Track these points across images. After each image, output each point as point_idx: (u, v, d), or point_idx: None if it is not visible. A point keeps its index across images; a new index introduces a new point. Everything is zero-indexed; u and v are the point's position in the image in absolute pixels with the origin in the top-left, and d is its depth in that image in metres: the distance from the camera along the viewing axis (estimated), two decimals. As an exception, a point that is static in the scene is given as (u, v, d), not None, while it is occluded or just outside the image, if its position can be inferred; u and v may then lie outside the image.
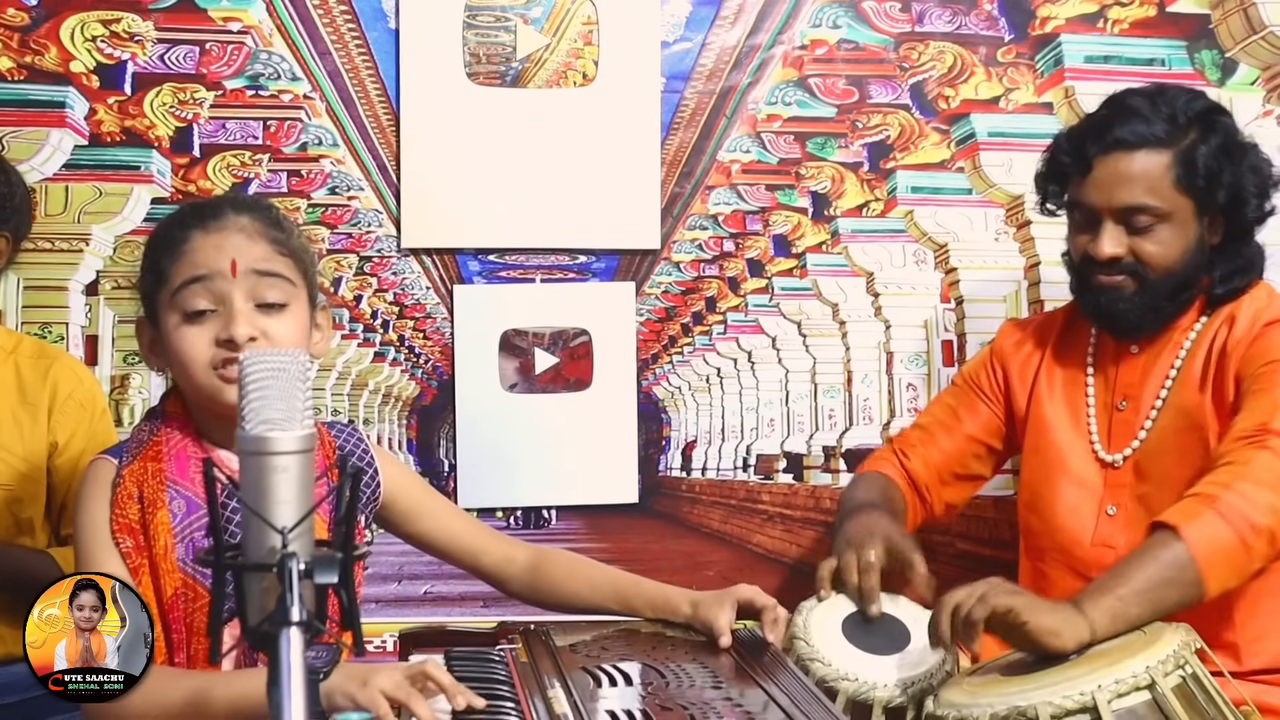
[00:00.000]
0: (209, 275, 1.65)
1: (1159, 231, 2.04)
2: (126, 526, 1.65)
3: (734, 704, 1.54)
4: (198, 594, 1.63)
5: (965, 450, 2.29)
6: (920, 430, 2.32)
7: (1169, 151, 2.03)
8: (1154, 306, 2.08)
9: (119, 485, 1.66)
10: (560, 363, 2.69)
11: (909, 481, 2.26)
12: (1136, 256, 2.05)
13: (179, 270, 1.66)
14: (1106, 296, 2.08)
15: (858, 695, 1.80)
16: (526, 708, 1.53)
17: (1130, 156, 2.04)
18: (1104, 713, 1.60)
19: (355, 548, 1.19)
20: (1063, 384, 2.20)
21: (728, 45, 2.70)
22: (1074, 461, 2.15)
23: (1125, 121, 2.06)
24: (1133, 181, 2.03)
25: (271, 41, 2.61)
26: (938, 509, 2.29)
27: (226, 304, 1.65)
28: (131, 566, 1.63)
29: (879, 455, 2.35)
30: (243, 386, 1.17)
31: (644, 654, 1.73)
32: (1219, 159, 2.03)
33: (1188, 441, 2.04)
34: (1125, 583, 1.77)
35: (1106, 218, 2.06)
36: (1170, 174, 2.03)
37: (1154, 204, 2.03)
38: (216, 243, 1.67)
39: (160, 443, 1.69)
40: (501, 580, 1.93)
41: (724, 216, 2.77)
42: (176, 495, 1.66)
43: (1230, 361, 2.02)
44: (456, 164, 2.63)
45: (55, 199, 2.58)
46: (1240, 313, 2.06)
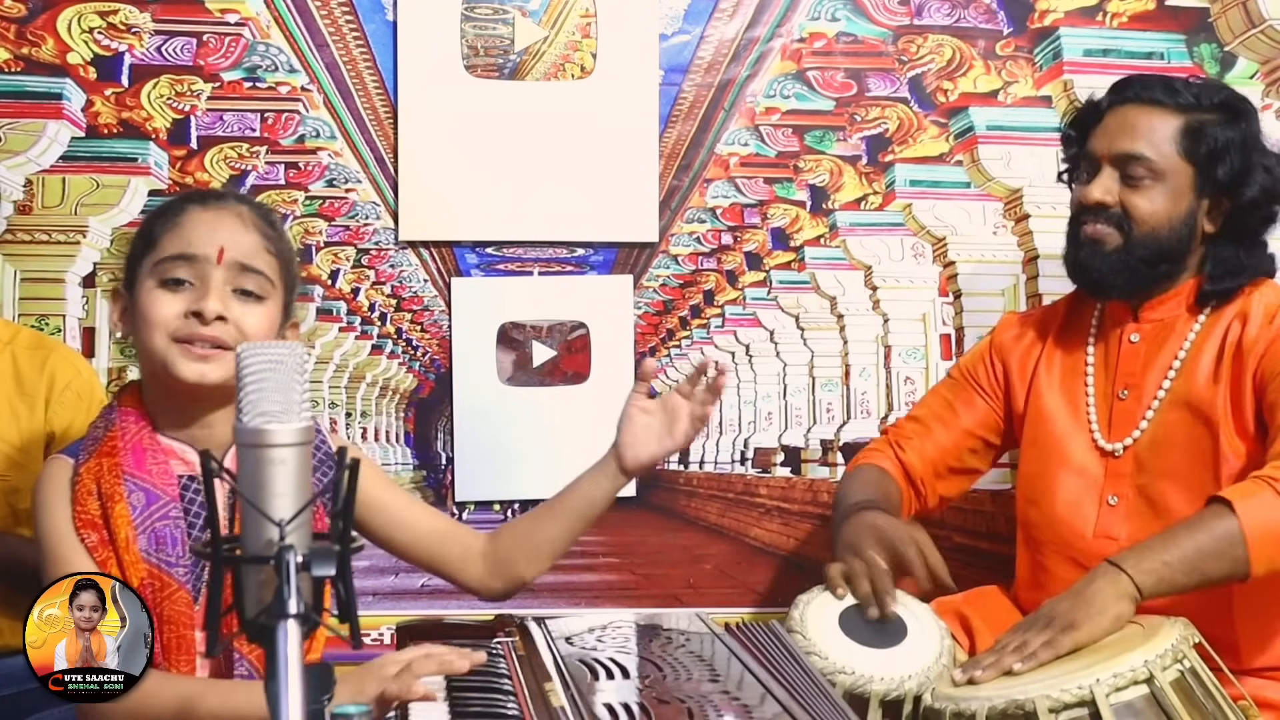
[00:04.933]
0: (195, 254, 1.68)
1: (1152, 189, 2.06)
2: (89, 522, 1.66)
3: (731, 697, 1.54)
4: (164, 583, 1.65)
5: (961, 444, 2.29)
6: (916, 423, 2.32)
7: (1181, 117, 2.07)
8: (1130, 266, 2.08)
9: (77, 482, 1.68)
10: (558, 356, 2.69)
11: (904, 474, 2.26)
12: (1124, 208, 2.07)
13: (169, 241, 1.69)
14: (1086, 250, 2.10)
15: (854, 689, 1.80)
16: (524, 701, 1.53)
17: (1141, 109, 2.09)
18: (1102, 707, 1.60)
19: (353, 540, 1.19)
20: (1062, 374, 2.20)
21: (726, 38, 2.70)
22: (1074, 451, 2.14)
23: (1149, 82, 2.12)
24: (1136, 131, 2.07)
25: (269, 33, 2.60)
26: (932, 502, 2.30)
27: (204, 281, 1.68)
28: (98, 560, 1.64)
29: (873, 447, 2.35)
30: (240, 379, 1.17)
31: (641, 647, 1.73)
32: (1230, 141, 2.06)
33: (1193, 434, 2.04)
34: (1172, 549, 1.79)
35: (1105, 164, 2.09)
36: (1176, 135, 2.06)
37: (1151, 156, 2.06)
38: (210, 222, 1.70)
39: (115, 437, 1.70)
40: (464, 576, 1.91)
41: (722, 210, 2.76)
42: (135, 488, 1.67)
43: (1249, 359, 2.01)
44: (454, 156, 2.63)
45: (52, 191, 2.58)
46: (1252, 309, 2.05)
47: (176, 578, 1.65)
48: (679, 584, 2.74)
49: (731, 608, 2.66)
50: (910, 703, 1.80)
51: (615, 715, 1.48)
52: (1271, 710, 1.94)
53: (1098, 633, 1.76)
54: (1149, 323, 2.13)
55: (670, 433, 1.86)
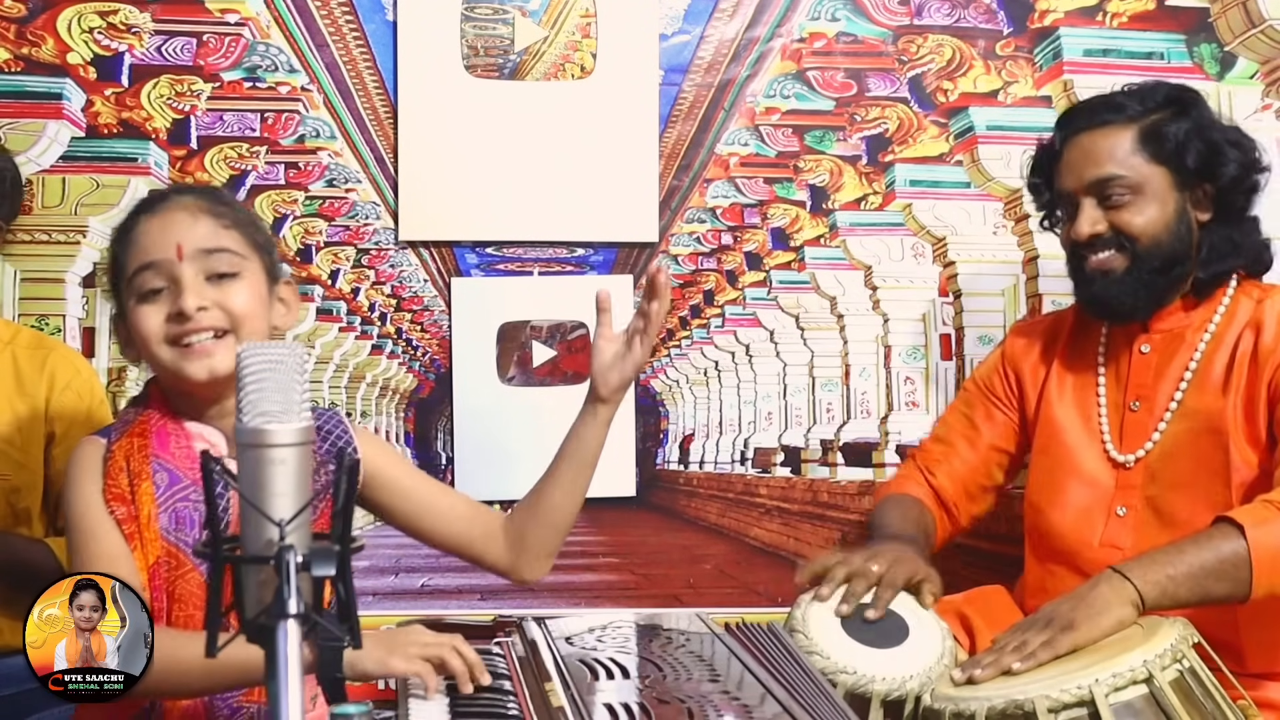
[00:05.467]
0: (156, 261, 1.71)
1: (1135, 203, 2.06)
2: (119, 495, 1.70)
3: (731, 697, 1.54)
4: (179, 562, 1.69)
5: (989, 460, 2.29)
6: (941, 444, 2.32)
7: (1134, 125, 2.08)
8: (1146, 283, 2.07)
9: (110, 459, 1.72)
10: (558, 355, 2.69)
11: (936, 500, 2.27)
12: (1118, 230, 2.07)
13: (132, 258, 1.73)
14: (1100, 282, 2.09)
15: (856, 688, 1.79)
16: (524, 700, 1.53)
17: (1093, 134, 2.09)
18: (1101, 706, 1.60)
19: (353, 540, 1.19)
20: (1073, 385, 2.20)
21: (726, 38, 2.70)
22: (1085, 462, 2.14)
23: (1089, 107, 2.14)
24: (1098, 155, 2.08)
25: (269, 33, 2.60)
26: (964, 523, 2.31)
27: (176, 282, 1.71)
28: (126, 533, 1.68)
29: (905, 475, 2.34)
30: (240, 379, 1.17)
31: (641, 647, 1.73)
32: (1188, 131, 2.06)
33: (1204, 444, 2.04)
34: (1179, 563, 1.79)
35: (1081, 197, 2.09)
36: (1136, 145, 2.07)
37: (1122, 173, 2.06)
38: (161, 225, 1.73)
39: (145, 421, 1.75)
40: (490, 555, 1.93)
41: (722, 210, 2.76)
42: (160, 468, 1.71)
43: (1263, 369, 2.01)
44: (454, 156, 2.63)
45: (52, 191, 2.58)
46: (1265, 318, 2.05)
47: (192, 558, 1.69)
48: (679, 584, 2.74)
49: (731, 608, 2.66)
50: (911, 703, 1.80)
51: (615, 715, 1.48)
52: (1272, 711, 1.94)
53: (1096, 634, 1.75)
54: (1159, 333, 2.13)
55: (630, 351, 1.88)
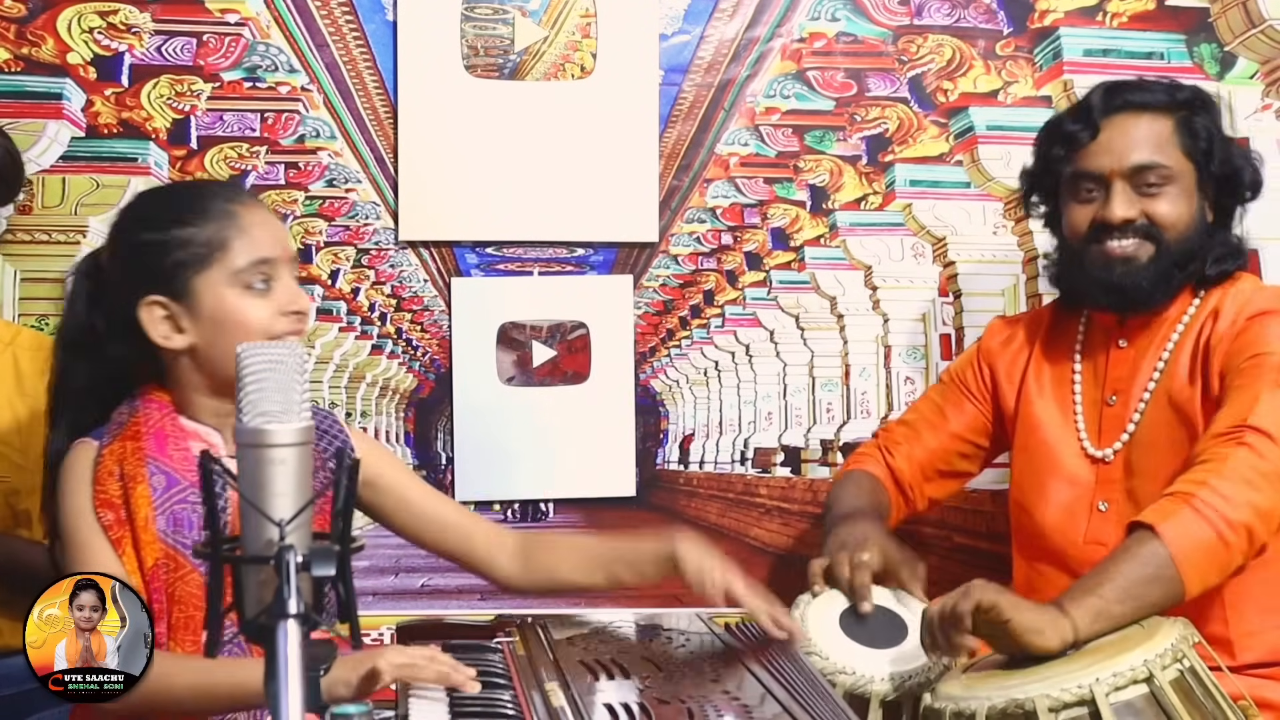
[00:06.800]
0: (272, 258, 1.74)
1: (1168, 193, 2.06)
2: (107, 501, 1.69)
3: (731, 697, 1.54)
4: (178, 564, 1.68)
5: (950, 448, 2.30)
6: (906, 427, 2.33)
7: (1172, 116, 2.07)
8: (1166, 274, 2.06)
9: (100, 464, 1.72)
10: (558, 356, 2.69)
11: (893, 479, 2.28)
12: (1149, 219, 2.06)
13: (242, 246, 1.73)
14: (1122, 267, 2.06)
15: (855, 688, 1.80)
16: (524, 701, 1.54)
17: (1138, 118, 2.07)
18: (1102, 706, 1.60)
19: (353, 540, 1.19)
20: (1051, 381, 2.20)
21: (726, 38, 2.70)
22: (1065, 459, 2.14)
23: (1129, 88, 2.11)
24: (1143, 141, 2.06)
25: (269, 33, 2.60)
26: (920, 505, 2.31)
27: (280, 281, 1.74)
28: (114, 539, 1.68)
29: (864, 452, 2.36)
30: (240, 379, 1.17)
31: (641, 647, 1.74)
32: (1211, 132, 2.07)
33: (1178, 435, 2.03)
34: (1106, 581, 1.76)
35: (1116, 180, 2.06)
36: (1175, 136, 2.07)
37: (1164, 163, 2.05)
38: (269, 222, 1.78)
39: (139, 423, 1.74)
40: (492, 567, 1.94)
41: (722, 210, 2.76)
42: (156, 471, 1.71)
43: (1215, 356, 2.01)
44: (454, 156, 2.63)
45: (52, 191, 2.58)
46: (1224, 306, 2.05)
47: (190, 559, 1.68)
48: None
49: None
50: (910, 702, 1.80)
51: (615, 715, 1.48)
52: (1270, 710, 1.94)
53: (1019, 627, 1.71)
54: (1136, 327, 2.12)
55: None
